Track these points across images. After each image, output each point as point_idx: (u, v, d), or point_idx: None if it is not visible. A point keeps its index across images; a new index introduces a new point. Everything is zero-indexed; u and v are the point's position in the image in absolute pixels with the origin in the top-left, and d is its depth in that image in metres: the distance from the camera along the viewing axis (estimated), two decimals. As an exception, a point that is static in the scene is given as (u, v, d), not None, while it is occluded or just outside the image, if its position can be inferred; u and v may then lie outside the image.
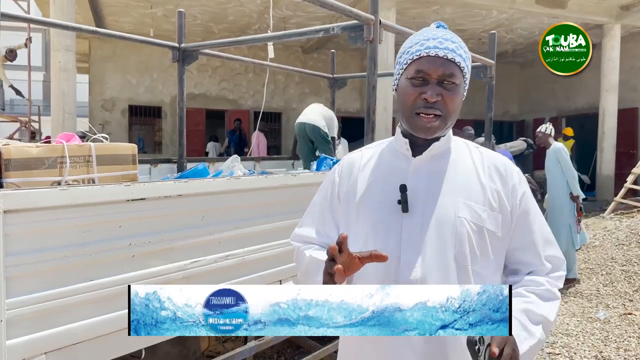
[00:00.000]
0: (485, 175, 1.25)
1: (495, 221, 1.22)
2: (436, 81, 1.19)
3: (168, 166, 4.65)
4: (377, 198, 1.26)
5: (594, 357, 3.73)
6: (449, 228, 1.19)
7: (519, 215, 1.24)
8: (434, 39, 1.21)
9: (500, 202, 1.23)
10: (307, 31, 3.79)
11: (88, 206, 1.85)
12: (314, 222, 1.39)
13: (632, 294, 4.91)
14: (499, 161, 1.28)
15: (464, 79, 1.23)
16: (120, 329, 1.97)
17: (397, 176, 1.25)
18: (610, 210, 9.48)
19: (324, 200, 1.39)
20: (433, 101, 1.17)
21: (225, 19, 10.84)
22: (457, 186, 1.23)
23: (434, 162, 1.26)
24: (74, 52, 7.74)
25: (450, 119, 1.22)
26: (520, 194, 1.25)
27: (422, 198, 1.22)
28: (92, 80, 12.15)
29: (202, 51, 4.60)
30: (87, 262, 1.86)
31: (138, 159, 2.80)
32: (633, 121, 12.43)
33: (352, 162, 1.37)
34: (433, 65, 1.18)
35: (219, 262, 2.32)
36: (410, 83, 1.21)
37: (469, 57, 1.26)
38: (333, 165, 4.36)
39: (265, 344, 2.60)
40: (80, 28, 4.21)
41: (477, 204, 1.21)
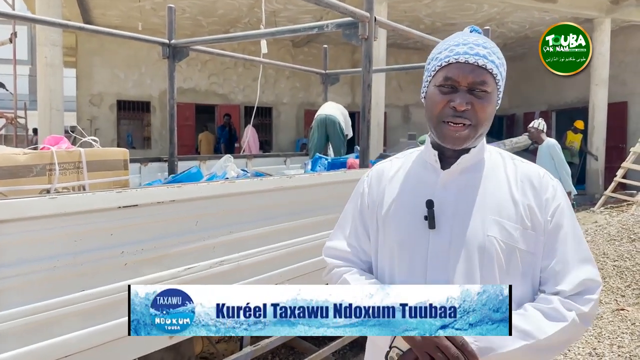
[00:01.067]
0: (518, 190, 1.18)
1: (528, 240, 1.14)
2: (466, 89, 1.12)
3: (158, 165, 4.57)
4: (404, 212, 1.21)
5: (587, 354, 3.74)
6: (476, 247, 1.13)
7: (550, 230, 1.16)
8: (464, 45, 1.14)
9: (534, 218, 1.15)
10: (300, 28, 3.74)
11: (78, 214, 1.78)
12: (346, 235, 1.34)
13: (625, 289, 4.93)
14: (533, 174, 1.21)
15: (497, 87, 1.16)
16: (114, 339, 1.92)
17: (424, 190, 1.20)
18: (600, 204, 9.55)
19: (355, 212, 1.34)
20: (462, 110, 1.11)
21: (215, 13, 10.72)
22: (487, 202, 1.16)
23: (464, 175, 1.19)
24: (61, 46, 7.62)
25: (482, 129, 1.15)
26: (553, 208, 1.17)
27: (449, 214, 1.16)
28: (79, 74, 11.98)
29: (193, 47, 4.52)
30: (78, 272, 1.80)
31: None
32: (622, 115, 12.52)
33: (382, 172, 1.32)
34: (462, 72, 1.12)
35: (213, 267, 2.27)
36: (438, 91, 1.15)
37: (503, 63, 1.18)
38: (328, 164, 4.33)
39: (261, 349, 2.56)
40: (67, 24, 4.12)
41: (508, 221, 1.14)
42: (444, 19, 11.50)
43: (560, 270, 1.15)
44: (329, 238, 1.39)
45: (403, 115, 15.39)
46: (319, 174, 2.94)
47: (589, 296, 1.13)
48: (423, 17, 11.31)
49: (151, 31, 8.76)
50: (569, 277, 1.14)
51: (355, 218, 1.33)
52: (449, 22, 11.66)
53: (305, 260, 2.75)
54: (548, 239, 1.16)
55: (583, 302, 1.12)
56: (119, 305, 1.92)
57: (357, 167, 3.64)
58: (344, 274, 1.27)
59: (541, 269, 1.17)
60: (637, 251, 5.34)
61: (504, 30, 12.51)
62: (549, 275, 1.16)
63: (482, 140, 1.21)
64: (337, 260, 1.33)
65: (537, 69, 15.02)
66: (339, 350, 3.55)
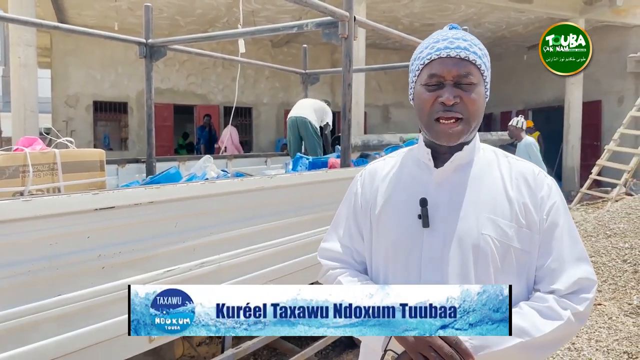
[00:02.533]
0: (512, 188, 1.16)
1: (523, 238, 1.13)
2: (452, 83, 1.12)
3: (136, 166, 4.50)
4: (398, 211, 1.20)
5: (566, 349, 3.79)
6: (471, 245, 1.12)
7: (546, 229, 1.15)
8: (444, 40, 1.14)
9: (529, 216, 1.14)
10: (280, 27, 3.71)
11: (54, 217, 1.74)
12: (340, 236, 1.33)
13: (601, 284, 5.01)
14: (528, 171, 1.19)
15: (483, 78, 1.16)
16: (92, 344, 1.88)
17: (418, 188, 1.19)
18: (576, 201, 9.72)
19: (349, 212, 1.33)
20: (451, 104, 1.11)
21: (193, 12, 10.62)
22: (481, 200, 1.15)
23: (458, 173, 1.18)
24: (35, 46, 7.44)
25: (474, 122, 1.14)
26: (549, 206, 1.16)
27: (443, 213, 1.15)
28: (54, 75, 11.74)
29: (171, 47, 4.46)
30: (54, 276, 1.76)
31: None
32: (597, 114, 12.76)
33: (375, 171, 1.31)
34: (446, 67, 1.12)
35: (194, 270, 2.23)
36: (425, 89, 1.15)
37: (486, 53, 1.18)
38: (309, 164, 4.31)
39: (243, 351, 2.53)
40: (42, 23, 4.03)
41: (503, 219, 1.13)
42: (422, 20, 11.58)
43: (556, 268, 1.14)
44: (323, 239, 1.38)
45: (383, 115, 15.46)
46: (300, 174, 2.93)
47: (585, 295, 1.12)
48: (401, 17, 11.37)
49: (128, 31, 8.62)
50: (565, 276, 1.13)
51: (348, 219, 1.32)
52: (427, 23, 11.74)
53: (287, 260, 2.73)
54: (544, 237, 1.15)
55: (578, 301, 1.11)
56: (97, 309, 1.88)
57: (338, 167, 3.63)
58: (338, 276, 1.26)
59: (536, 268, 1.16)
60: (612, 247, 5.44)
61: (481, 31, 12.65)
62: (545, 274, 1.15)
63: (475, 136, 1.21)
64: (332, 261, 1.32)
65: (514, 69, 15.26)
66: (321, 351, 3.54)
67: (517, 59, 15.06)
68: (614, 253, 5.32)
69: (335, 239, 1.33)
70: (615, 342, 3.73)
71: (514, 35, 13.31)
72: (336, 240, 1.33)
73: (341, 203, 1.39)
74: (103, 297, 1.89)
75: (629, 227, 5.70)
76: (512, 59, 15.30)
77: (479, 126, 1.18)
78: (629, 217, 5.97)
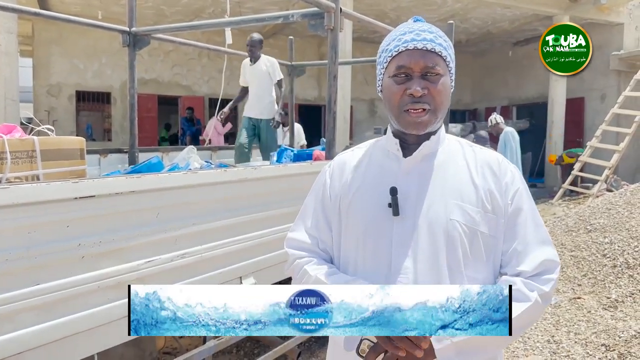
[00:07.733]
0: (478, 175, 1.20)
1: (489, 223, 1.17)
2: (419, 74, 1.15)
3: (118, 156, 4.45)
4: (368, 200, 1.22)
5: (546, 342, 3.84)
6: (440, 232, 1.15)
7: (510, 213, 1.19)
8: (410, 32, 1.17)
9: (494, 202, 1.18)
10: (265, 17, 3.69)
11: (32, 205, 1.71)
12: (307, 227, 1.34)
13: (581, 278, 5.09)
14: (492, 159, 1.24)
15: (449, 69, 1.19)
16: (71, 334, 1.86)
17: (387, 178, 1.21)
18: (558, 197, 9.84)
19: (317, 203, 1.34)
20: (419, 95, 1.14)
21: (179, 2, 10.50)
22: (449, 187, 1.19)
23: (426, 162, 1.22)
24: (16, 34, 7.30)
25: (440, 112, 1.18)
26: (513, 192, 1.20)
27: (413, 201, 1.18)
28: (36, 64, 11.52)
29: (155, 36, 4.41)
30: (32, 265, 1.73)
31: (86, 148, 2.64)
32: (580, 110, 12.92)
33: (343, 162, 1.33)
34: (414, 59, 1.15)
35: (175, 260, 2.22)
36: (393, 81, 1.17)
37: (451, 45, 1.22)
38: (294, 156, 4.30)
39: (225, 343, 2.52)
40: (22, 10, 3.95)
41: (470, 205, 1.17)
42: (409, 14, 11.56)
43: (521, 251, 1.18)
44: (290, 229, 1.39)
45: (369, 109, 15.46)
46: (284, 166, 2.92)
47: (549, 276, 1.17)
48: (388, 11, 11.37)
49: (111, 20, 8.49)
50: (530, 258, 1.17)
51: (316, 209, 1.33)
52: (414, 17, 11.74)
53: (270, 252, 2.73)
54: (508, 221, 1.19)
55: (543, 282, 1.16)
56: (76, 299, 1.86)
57: (323, 159, 3.63)
58: (304, 265, 1.27)
59: (502, 252, 1.21)
60: (592, 241, 5.52)
61: (467, 26, 12.70)
62: (511, 257, 1.20)
63: (441, 125, 1.25)
64: (299, 251, 1.33)
65: (498, 65, 15.37)
66: (304, 342, 3.55)
67: (502, 55, 15.17)
68: (594, 248, 5.40)
69: (303, 229, 1.34)
70: (594, 334, 3.79)
71: (499, 31, 13.39)
72: (303, 230, 1.34)
73: (309, 194, 1.40)
74: (83, 286, 1.87)
75: (609, 222, 5.78)
76: (497, 55, 15.41)
77: (444, 116, 1.21)
78: (609, 212, 6.06)
